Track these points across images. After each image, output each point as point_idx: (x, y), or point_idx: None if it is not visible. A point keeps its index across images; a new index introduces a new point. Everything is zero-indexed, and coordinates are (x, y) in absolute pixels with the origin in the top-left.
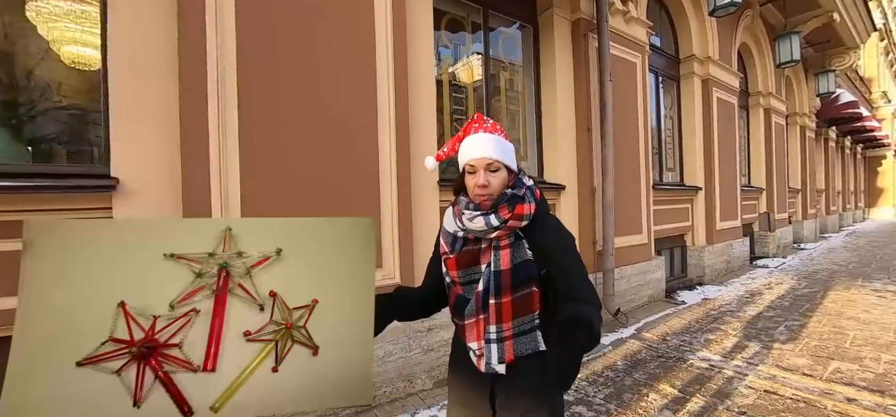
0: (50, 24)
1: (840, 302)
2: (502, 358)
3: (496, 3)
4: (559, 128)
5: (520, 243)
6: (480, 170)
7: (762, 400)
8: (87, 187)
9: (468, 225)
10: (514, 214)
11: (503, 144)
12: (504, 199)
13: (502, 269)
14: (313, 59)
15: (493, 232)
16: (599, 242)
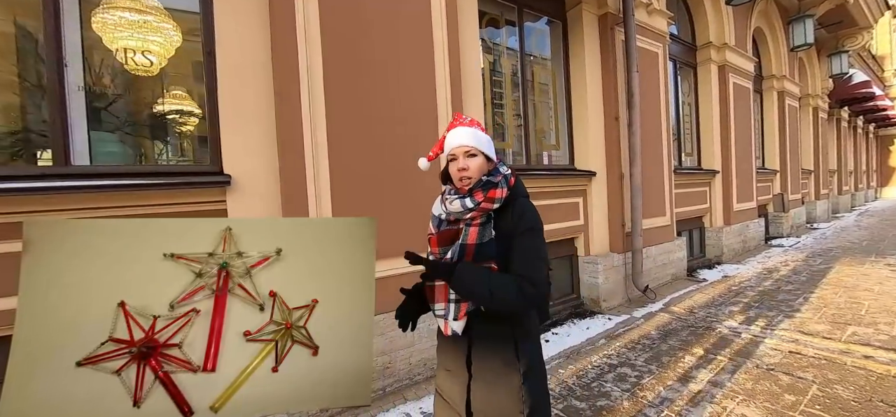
0: (124, 32)
1: (855, 276)
2: (457, 316)
3: (529, 1)
4: (589, 118)
5: (489, 224)
6: (460, 156)
7: (787, 359)
8: (208, 183)
9: (449, 208)
10: (486, 197)
11: (479, 135)
12: (479, 184)
13: (468, 243)
14: (384, 63)
15: (468, 212)
16: (628, 224)
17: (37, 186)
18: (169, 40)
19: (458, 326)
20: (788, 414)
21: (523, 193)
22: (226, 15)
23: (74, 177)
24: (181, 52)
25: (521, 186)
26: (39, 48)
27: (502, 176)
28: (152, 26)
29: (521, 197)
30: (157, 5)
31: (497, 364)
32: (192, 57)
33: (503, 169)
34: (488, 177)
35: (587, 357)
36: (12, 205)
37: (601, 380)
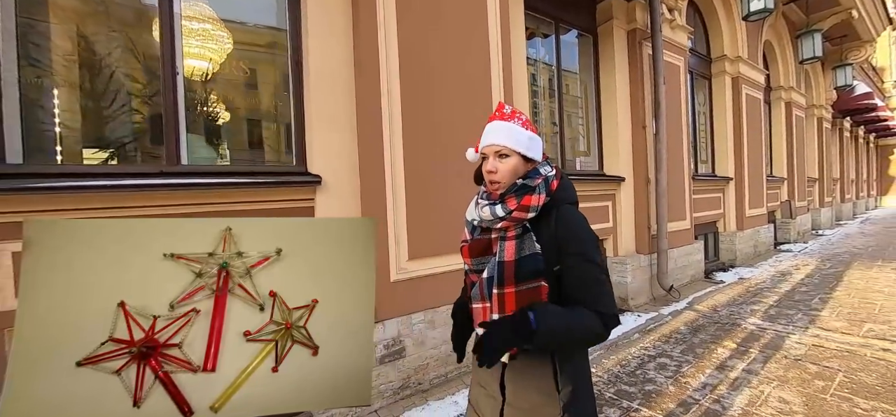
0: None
1: (864, 280)
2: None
3: (564, 17)
4: (618, 126)
5: (528, 235)
6: (491, 156)
7: (812, 351)
8: (302, 182)
9: (480, 214)
10: (520, 205)
11: (516, 132)
12: (513, 189)
13: (506, 260)
14: (450, 74)
15: (499, 222)
16: (653, 227)
17: (156, 183)
18: (223, 48)
19: (505, 357)
20: (821, 397)
21: (570, 199)
22: (315, 34)
23: (184, 176)
24: (232, 58)
25: (568, 191)
26: (144, 58)
27: (543, 178)
28: (209, 34)
29: (567, 204)
30: (213, 15)
31: (533, 394)
32: (247, 63)
33: (545, 169)
34: (525, 180)
35: (626, 349)
36: (136, 200)
37: (644, 369)
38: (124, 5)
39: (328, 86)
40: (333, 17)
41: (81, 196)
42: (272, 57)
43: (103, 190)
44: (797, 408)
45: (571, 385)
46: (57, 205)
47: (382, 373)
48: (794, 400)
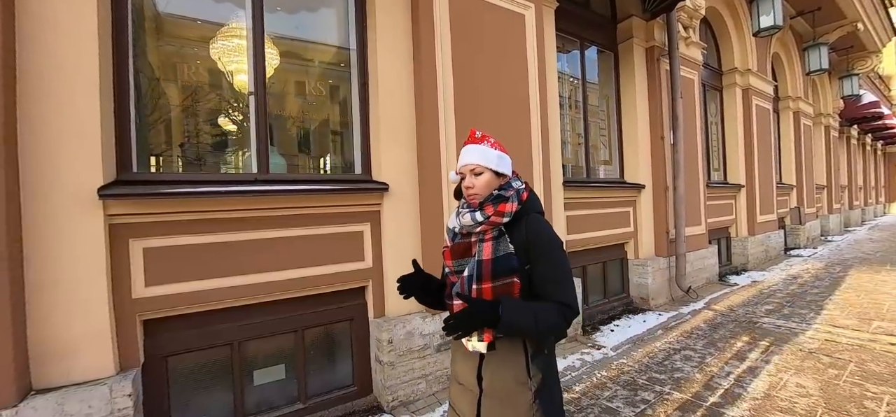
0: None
1: (873, 283)
2: (481, 338)
3: (588, 35)
4: (638, 137)
5: (503, 238)
6: (466, 174)
7: (825, 345)
8: (373, 189)
9: (461, 221)
10: (496, 211)
11: (487, 153)
12: (489, 199)
13: (484, 259)
14: (494, 92)
15: (478, 226)
16: (671, 231)
17: (252, 189)
18: (270, 64)
19: (482, 347)
20: (834, 383)
21: (537, 209)
22: (382, 56)
23: (273, 183)
24: (280, 72)
25: (535, 202)
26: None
27: (515, 190)
28: (244, 49)
29: (534, 212)
30: (240, 26)
31: (508, 382)
32: (319, 82)
33: (516, 183)
34: (499, 191)
35: (651, 343)
36: (236, 204)
37: (671, 359)
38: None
39: (393, 105)
40: (397, 42)
41: (196, 200)
42: (340, 76)
43: (212, 196)
44: (813, 392)
45: (541, 373)
46: (178, 207)
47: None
48: (810, 385)
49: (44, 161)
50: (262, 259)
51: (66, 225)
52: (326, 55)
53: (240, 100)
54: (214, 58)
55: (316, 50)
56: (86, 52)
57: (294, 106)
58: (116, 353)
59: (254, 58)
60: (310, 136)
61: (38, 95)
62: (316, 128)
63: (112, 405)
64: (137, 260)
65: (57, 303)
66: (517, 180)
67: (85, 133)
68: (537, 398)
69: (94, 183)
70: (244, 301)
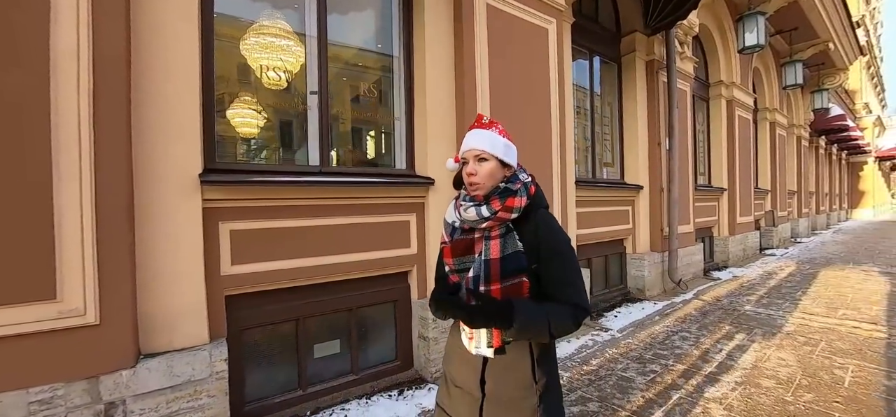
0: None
1: (838, 278)
2: (491, 342)
3: (596, 48)
4: (638, 142)
5: (511, 235)
6: (470, 160)
7: (799, 328)
8: (421, 183)
9: (463, 216)
10: (504, 206)
11: (494, 139)
12: (496, 192)
13: (492, 258)
14: (523, 97)
15: (484, 222)
16: (665, 229)
17: (318, 180)
18: (297, 59)
19: (490, 352)
20: (809, 356)
21: (544, 204)
22: (429, 64)
23: (335, 175)
24: (355, 79)
25: (541, 197)
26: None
27: (522, 183)
28: (284, 48)
29: (542, 208)
30: (287, 28)
31: (514, 387)
32: (371, 84)
33: (523, 176)
34: (507, 184)
35: (651, 326)
36: (303, 193)
37: (671, 339)
38: (291, 50)
39: (436, 107)
40: (440, 51)
41: (271, 188)
42: (385, 80)
43: (285, 184)
44: (792, 363)
45: (546, 377)
46: (256, 194)
47: None
48: (790, 358)
49: (153, 151)
50: (323, 243)
51: (172, 209)
52: (372, 61)
53: (276, 97)
54: (245, 54)
55: (362, 56)
56: (188, 56)
57: (343, 105)
58: (208, 325)
59: (318, 61)
60: (358, 134)
61: (150, 94)
62: (362, 126)
63: (212, 368)
64: (225, 241)
65: (163, 278)
66: (523, 172)
67: (188, 126)
68: (542, 401)
69: (195, 170)
70: (307, 281)
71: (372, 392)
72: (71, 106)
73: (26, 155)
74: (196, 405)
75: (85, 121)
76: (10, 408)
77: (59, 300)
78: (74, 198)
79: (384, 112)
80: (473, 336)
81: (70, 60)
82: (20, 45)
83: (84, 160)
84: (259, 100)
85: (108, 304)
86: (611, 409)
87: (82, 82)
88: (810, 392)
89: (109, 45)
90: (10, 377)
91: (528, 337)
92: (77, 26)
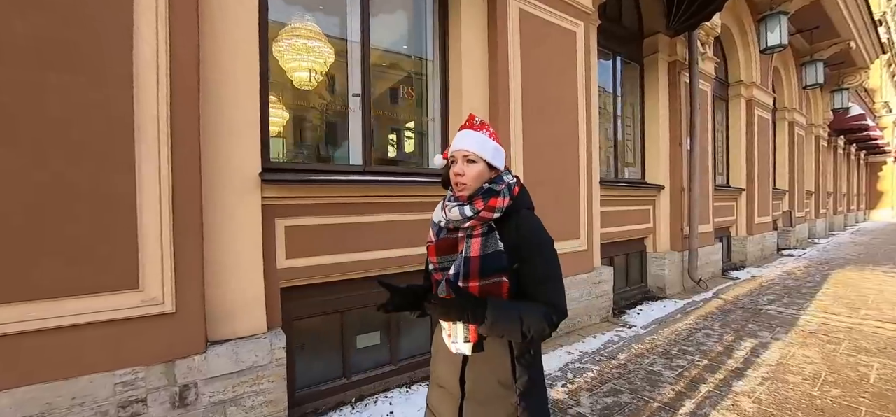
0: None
1: (858, 279)
2: (467, 338)
3: (620, 50)
4: (659, 142)
5: (492, 234)
6: (459, 160)
7: (822, 327)
8: None
9: (447, 216)
10: (487, 206)
11: (484, 141)
12: (480, 192)
13: (472, 256)
14: (552, 98)
15: (467, 221)
16: (686, 229)
17: (362, 179)
18: (326, 60)
19: (467, 348)
20: (833, 354)
21: (528, 205)
22: (465, 66)
23: (376, 174)
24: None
25: (526, 198)
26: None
27: (506, 184)
28: (313, 49)
29: (525, 208)
30: (317, 30)
31: (492, 385)
32: (408, 88)
33: (508, 177)
34: (490, 184)
35: (674, 324)
36: (350, 191)
37: (694, 336)
38: (321, 51)
39: (470, 108)
40: (475, 53)
41: (321, 187)
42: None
43: (334, 183)
44: (817, 360)
45: (527, 375)
46: (307, 191)
47: None
48: (814, 356)
49: (218, 151)
50: (364, 239)
51: (234, 206)
52: (407, 64)
53: (304, 97)
54: (277, 56)
55: (397, 59)
56: (249, 63)
57: (378, 107)
58: (266, 315)
59: (362, 66)
60: (394, 134)
61: (215, 98)
62: (397, 126)
63: (272, 355)
64: (281, 236)
65: (227, 271)
66: (508, 174)
67: (249, 127)
68: (522, 400)
69: (255, 169)
70: (350, 275)
71: (411, 381)
72: (151, 112)
73: (117, 159)
74: (258, 389)
75: (163, 126)
76: (98, 388)
77: (141, 289)
78: (154, 197)
79: (418, 113)
80: (451, 332)
81: (150, 70)
82: (107, 56)
83: (163, 162)
84: (283, 100)
85: (182, 294)
86: (643, 400)
87: (161, 89)
88: (837, 387)
89: (183, 54)
90: (98, 360)
91: (499, 334)
92: (156, 39)
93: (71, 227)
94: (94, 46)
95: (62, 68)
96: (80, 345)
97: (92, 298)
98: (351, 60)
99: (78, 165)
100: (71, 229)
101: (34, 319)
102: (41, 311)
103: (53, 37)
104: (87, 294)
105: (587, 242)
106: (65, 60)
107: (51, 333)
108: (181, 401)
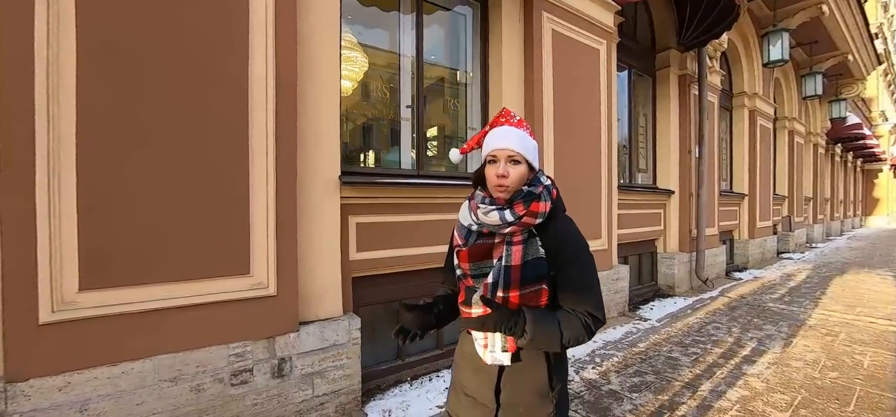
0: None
1: (854, 281)
2: (506, 347)
3: (634, 64)
4: (670, 150)
5: (533, 240)
6: (502, 160)
7: (821, 322)
8: None
9: (483, 219)
10: (529, 211)
11: (526, 139)
12: (520, 196)
13: (513, 264)
14: (578, 109)
15: (508, 227)
16: (693, 231)
17: (415, 182)
18: (361, 68)
19: (506, 358)
20: (831, 345)
21: (563, 208)
22: (505, 80)
23: (428, 177)
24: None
25: (561, 200)
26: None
27: (544, 187)
28: (351, 60)
29: (562, 212)
30: (352, 40)
31: (530, 395)
32: (452, 97)
33: (544, 178)
34: (530, 187)
35: (686, 318)
36: (405, 192)
37: (705, 328)
38: (391, 67)
39: None
40: (513, 69)
41: (385, 188)
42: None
43: (397, 186)
44: (817, 349)
45: (561, 384)
46: (373, 192)
47: None
48: (814, 346)
49: (308, 157)
50: (417, 236)
51: (318, 204)
52: (450, 76)
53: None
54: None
55: (441, 71)
56: (332, 78)
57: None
58: (342, 300)
59: (416, 79)
60: (437, 140)
61: (307, 109)
62: (440, 133)
63: (350, 335)
64: (353, 232)
65: (312, 261)
66: (542, 174)
67: (330, 136)
68: (557, 409)
69: (335, 172)
70: (405, 268)
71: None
72: (260, 120)
73: (235, 163)
74: (338, 364)
75: (271, 134)
76: (216, 358)
77: (251, 275)
78: (262, 195)
79: (459, 121)
80: (488, 342)
81: (260, 84)
82: (228, 74)
83: (270, 165)
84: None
85: (282, 279)
86: (666, 380)
87: (269, 101)
88: (835, 371)
89: (285, 71)
90: (217, 333)
91: (540, 347)
92: (266, 58)
93: (197, 221)
94: (221, 62)
95: (192, 84)
96: (202, 321)
97: (212, 281)
98: (403, 73)
99: (204, 168)
100: (197, 222)
101: (168, 298)
102: (174, 292)
103: (187, 53)
104: (209, 278)
105: (607, 242)
106: (196, 76)
107: (180, 311)
108: (279, 372)
